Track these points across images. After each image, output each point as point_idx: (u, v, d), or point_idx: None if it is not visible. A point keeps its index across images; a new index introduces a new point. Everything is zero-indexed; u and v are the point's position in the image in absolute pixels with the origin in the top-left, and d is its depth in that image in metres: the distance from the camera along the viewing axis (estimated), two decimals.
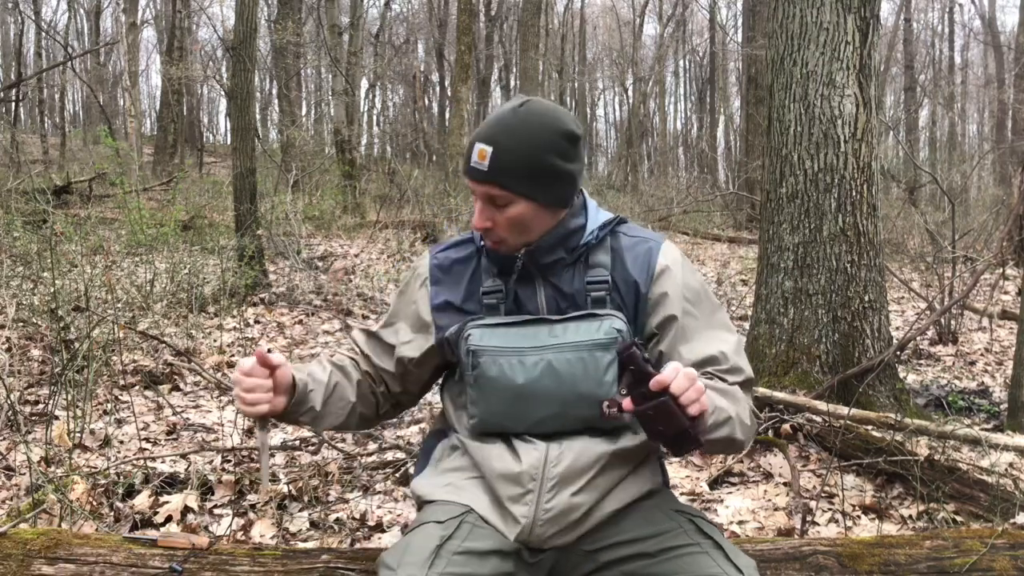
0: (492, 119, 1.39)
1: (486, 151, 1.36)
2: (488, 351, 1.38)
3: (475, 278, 1.48)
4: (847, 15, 3.81)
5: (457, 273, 1.50)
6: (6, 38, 27.62)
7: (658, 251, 1.45)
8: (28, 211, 8.27)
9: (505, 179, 1.36)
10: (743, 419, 1.37)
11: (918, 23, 27.84)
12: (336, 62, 15.07)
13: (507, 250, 1.43)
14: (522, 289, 1.45)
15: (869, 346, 3.85)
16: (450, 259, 1.52)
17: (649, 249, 1.46)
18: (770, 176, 4.07)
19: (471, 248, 1.52)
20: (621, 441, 1.39)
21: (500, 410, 1.38)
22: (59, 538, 1.68)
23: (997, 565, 1.68)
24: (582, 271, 1.44)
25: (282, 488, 2.85)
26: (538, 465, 1.35)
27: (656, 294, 1.43)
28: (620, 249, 1.46)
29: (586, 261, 1.44)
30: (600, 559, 1.36)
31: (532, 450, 1.37)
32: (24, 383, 4.01)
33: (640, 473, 1.44)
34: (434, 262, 1.53)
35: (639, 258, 1.45)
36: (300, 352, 5.29)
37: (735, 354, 1.43)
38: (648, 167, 28.65)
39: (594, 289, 1.42)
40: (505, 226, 1.40)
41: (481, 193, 1.39)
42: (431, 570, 1.25)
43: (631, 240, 1.47)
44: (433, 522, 1.36)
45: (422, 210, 11.35)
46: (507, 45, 25.21)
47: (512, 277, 1.44)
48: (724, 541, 1.34)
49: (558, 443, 1.37)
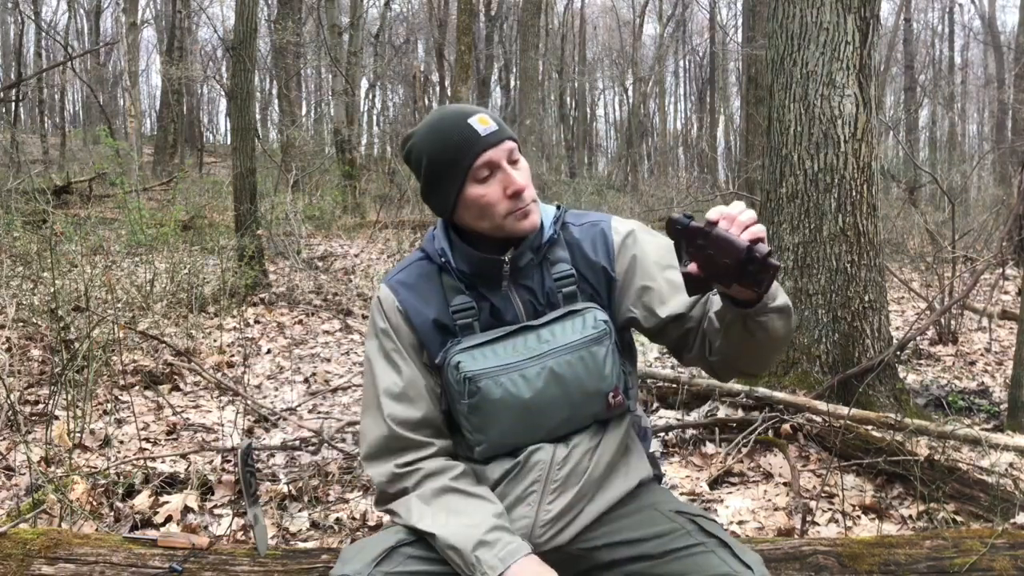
0: (451, 110, 1.38)
1: (485, 116, 1.35)
2: (486, 373, 1.32)
3: (442, 295, 1.40)
4: (847, 15, 3.81)
5: (424, 290, 1.41)
6: (6, 38, 27.62)
7: (610, 229, 1.44)
8: (28, 211, 8.26)
9: (510, 131, 1.37)
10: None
11: (918, 23, 27.85)
12: (336, 62, 15.07)
13: (537, 218, 1.37)
14: (496, 299, 1.40)
15: (869, 346, 3.84)
16: (412, 277, 1.43)
17: (602, 231, 1.44)
18: (770, 176, 4.07)
19: (430, 266, 1.43)
20: (610, 429, 1.40)
21: (510, 429, 1.34)
22: (59, 538, 1.68)
23: (997, 565, 1.68)
24: (547, 269, 1.41)
25: (282, 488, 2.85)
26: (544, 468, 1.34)
27: (621, 271, 1.41)
28: (574, 240, 1.44)
29: (547, 259, 1.42)
30: (598, 558, 1.36)
31: (538, 451, 1.36)
32: (24, 383, 4.01)
33: (629, 461, 1.44)
34: (395, 289, 1.42)
35: (596, 242, 1.43)
36: (300, 352, 5.30)
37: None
38: (648, 167, 28.66)
39: (563, 285, 1.39)
40: (528, 181, 1.37)
41: (504, 154, 1.34)
42: (377, 568, 1.26)
43: (580, 228, 1.45)
44: (401, 526, 1.35)
45: (422, 210, 11.34)
46: (507, 45, 25.20)
47: (478, 291, 1.39)
48: (729, 539, 1.34)
49: (565, 444, 1.36)
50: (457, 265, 1.40)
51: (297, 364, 5.01)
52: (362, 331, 5.96)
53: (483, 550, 1.24)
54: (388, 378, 1.39)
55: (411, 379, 1.38)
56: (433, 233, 1.46)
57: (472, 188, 1.34)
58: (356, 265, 8.64)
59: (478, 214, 1.36)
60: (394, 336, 1.40)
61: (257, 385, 4.57)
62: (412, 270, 1.44)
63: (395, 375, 1.39)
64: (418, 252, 1.47)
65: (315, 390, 4.47)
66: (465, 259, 1.40)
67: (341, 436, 3.53)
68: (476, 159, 1.32)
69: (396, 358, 1.40)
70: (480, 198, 1.34)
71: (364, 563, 1.26)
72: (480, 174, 1.33)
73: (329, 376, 4.78)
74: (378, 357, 1.41)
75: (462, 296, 1.39)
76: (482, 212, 1.35)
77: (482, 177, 1.34)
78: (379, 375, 1.40)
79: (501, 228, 1.36)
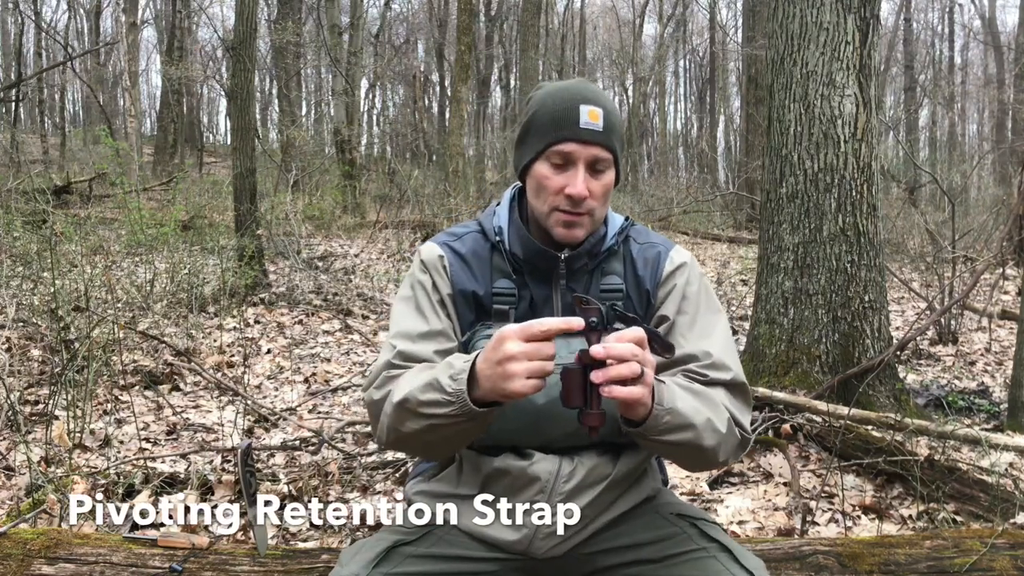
0: (578, 86, 1.34)
1: (598, 112, 1.30)
2: None
3: (488, 274, 1.37)
4: (847, 15, 3.81)
5: (472, 263, 1.38)
6: (6, 38, 27.61)
7: (666, 257, 1.41)
8: (28, 211, 8.26)
9: (613, 141, 1.32)
10: (715, 425, 1.22)
11: (918, 23, 27.85)
12: (336, 62, 15.07)
13: (582, 233, 1.33)
14: (538, 294, 1.36)
15: (869, 346, 3.84)
16: (464, 247, 1.39)
17: (658, 254, 1.41)
18: (770, 176, 4.07)
19: (484, 242, 1.40)
20: (626, 456, 1.35)
21: (515, 428, 1.30)
22: (59, 538, 1.68)
23: (997, 565, 1.68)
24: (597, 278, 1.38)
25: (282, 488, 2.85)
26: (549, 479, 1.30)
27: (659, 299, 1.39)
28: (631, 256, 1.41)
29: (601, 268, 1.39)
30: (597, 563, 1.34)
31: (544, 462, 1.31)
32: (24, 383, 4.01)
33: (642, 481, 1.41)
34: (446, 249, 1.39)
35: (649, 264, 1.40)
36: (300, 352, 5.30)
37: (721, 352, 1.33)
38: (648, 167, 28.64)
39: (609, 298, 1.35)
40: (599, 195, 1.32)
41: (588, 156, 1.30)
42: (376, 569, 1.25)
43: (640, 246, 1.42)
44: (399, 526, 1.34)
45: (422, 210, 11.34)
46: (507, 45, 25.20)
47: (524, 279, 1.36)
48: (730, 542, 1.32)
49: (571, 458, 1.31)
50: (511, 247, 1.37)
51: (297, 364, 5.01)
52: (362, 331, 5.96)
53: (446, 366, 1.19)
54: (410, 322, 1.34)
55: (437, 328, 1.33)
56: (495, 208, 1.43)
57: (542, 166, 1.32)
58: (356, 265, 8.64)
59: (535, 192, 1.34)
60: (430, 290, 1.36)
61: (257, 385, 4.57)
62: (466, 240, 1.40)
63: (420, 321, 1.34)
64: (474, 223, 1.44)
65: (315, 390, 4.47)
66: (521, 244, 1.37)
67: (341, 436, 3.53)
68: (557, 144, 1.30)
69: (427, 310, 1.35)
70: (543, 179, 1.32)
71: (362, 565, 1.26)
72: (554, 158, 1.31)
73: (329, 376, 4.78)
74: (407, 304, 1.37)
75: (507, 281, 1.36)
76: (537, 193, 1.34)
77: (556, 162, 1.31)
78: (402, 320, 1.35)
79: (546, 220, 1.34)
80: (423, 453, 1.38)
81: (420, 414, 1.18)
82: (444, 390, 1.15)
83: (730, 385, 1.31)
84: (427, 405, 1.17)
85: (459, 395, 1.14)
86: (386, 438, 1.28)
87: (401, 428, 1.23)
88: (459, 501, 1.36)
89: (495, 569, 1.32)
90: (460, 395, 1.13)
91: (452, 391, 1.14)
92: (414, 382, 1.21)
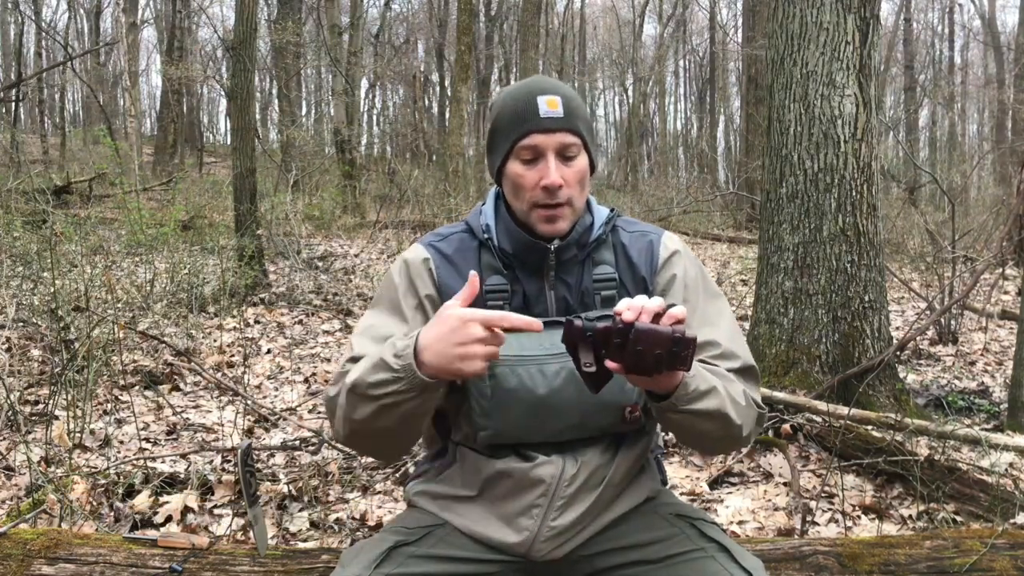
0: (533, 80, 1.35)
1: (556, 100, 1.30)
2: (505, 361, 1.25)
3: (477, 272, 1.32)
4: (847, 15, 3.81)
5: (460, 262, 1.37)
6: (6, 38, 27.61)
7: (659, 243, 1.41)
8: (28, 211, 8.26)
9: (577, 125, 1.32)
10: (735, 398, 1.26)
11: (918, 23, 27.83)
12: (336, 62, 15.07)
13: (564, 225, 1.33)
14: (530, 288, 1.36)
15: (869, 346, 3.85)
16: (451, 247, 1.39)
17: (651, 242, 1.41)
18: (770, 176, 4.07)
19: (471, 241, 1.40)
20: (624, 451, 1.35)
21: (518, 422, 1.28)
22: (59, 538, 1.68)
23: (997, 565, 1.68)
24: (589, 268, 1.37)
25: (282, 488, 2.85)
26: (551, 482, 1.29)
27: (659, 287, 1.38)
28: (622, 244, 1.41)
29: (591, 258, 1.39)
30: (597, 564, 1.34)
31: (547, 465, 1.29)
32: (24, 383, 4.01)
33: (640, 480, 1.41)
34: (431, 250, 1.39)
35: (643, 252, 1.40)
36: (300, 352, 5.30)
37: (730, 341, 1.35)
38: (648, 167, 28.65)
39: (603, 288, 1.36)
40: (574, 182, 1.31)
41: (555, 145, 1.30)
42: (377, 569, 1.25)
43: (631, 235, 1.42)
44: (399, 527, 1.35)
45: (422, 210, 11.35)
46: (507, 45, 25.21)
47: (515, 273, 1.36)
48: (729, 543, 1.32)
49: (574, 459, 1.30)
50: (500, 243, 1.37)
51: (297, 364, 5.01)
52: None
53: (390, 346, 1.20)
54: (375, 322, 1.34)
55: (403, 331, 1.31)
56: (481, 208, 1.43)
57: (514, 165, 1.32)
58: (356, 265, 8.64)
59: (513, 193, 1.35)
60: (403, 293, 1.36)
61: (257, 385, 4.57)
62: (452, 240, 1.40)
63: (386, 322, 1.33)
64: (461, 224, 1.43)
65: (315, 390, 4.47)
66: (509, 238, 1.37)
67: None
68: (523, 138, 1.30)
69: (395, 312, 1.35)
70: (518, 177, 1.32)
71: (363, 565, 1.26)
72: (523, 154, 1.31)
73: (329, 376, 4.78)
74: (376, 305, 1.37)
75: (498, 277, 1.35)
76: (515, 193, 1.34)
77: (525, 158, 1.31)
78: (368, 319, 1.35)
79: (527, 217, 1.34)
80: (375, 446, 1.34)
81: (370, 396, 1.19)
82: (391, 367, 1.17)
83: (741, 370, 1.35)
84: (376, 386, 1.18)
85: (407, 369, 1.16)
86: (342, 430, 1.28)
87: (354, 416, 1.23)
88: (460, 502, 1.36)
89: (496, 570, 1.32)
90: (408, 369, 1.15)
91: (399, 367, 1.16)
92: (362, 367, 1.22)
